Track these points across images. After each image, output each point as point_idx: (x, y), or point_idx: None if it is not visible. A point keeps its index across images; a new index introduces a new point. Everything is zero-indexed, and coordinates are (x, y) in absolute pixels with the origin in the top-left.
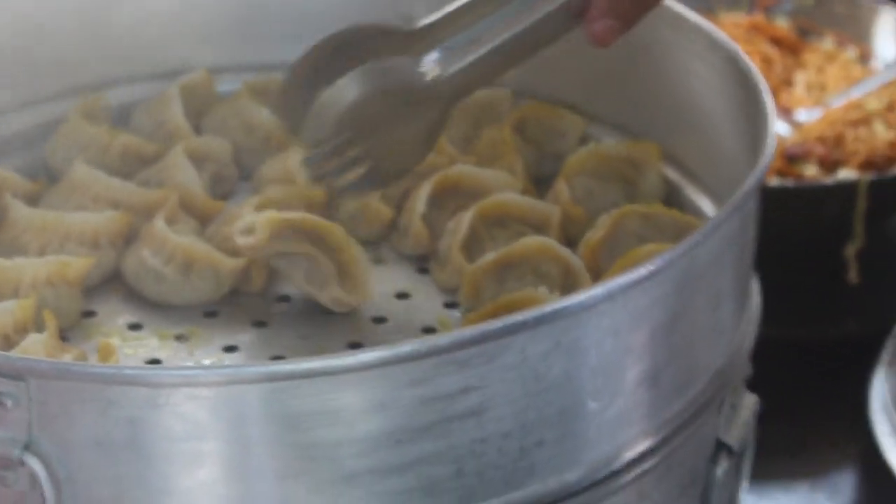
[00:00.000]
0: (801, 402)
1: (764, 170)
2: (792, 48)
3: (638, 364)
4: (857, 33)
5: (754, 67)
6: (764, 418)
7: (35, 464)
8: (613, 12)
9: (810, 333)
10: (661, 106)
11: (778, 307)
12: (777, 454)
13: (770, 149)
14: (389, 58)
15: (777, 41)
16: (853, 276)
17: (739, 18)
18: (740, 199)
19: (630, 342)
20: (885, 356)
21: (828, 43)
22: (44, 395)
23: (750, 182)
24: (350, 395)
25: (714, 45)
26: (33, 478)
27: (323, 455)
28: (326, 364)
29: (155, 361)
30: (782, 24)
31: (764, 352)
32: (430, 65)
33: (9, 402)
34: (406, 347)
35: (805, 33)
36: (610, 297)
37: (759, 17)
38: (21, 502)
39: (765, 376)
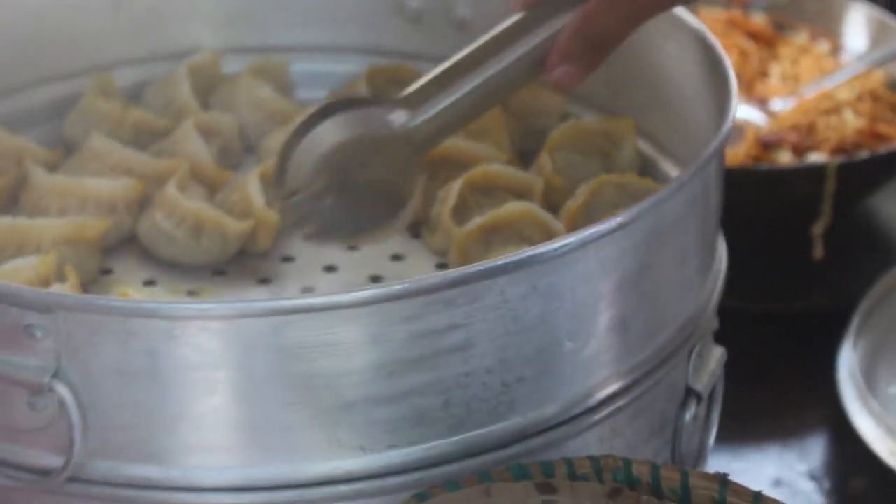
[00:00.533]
0: (773, 370)
1: (725, 136)
2: (767, 42)
3: (609, 310)
4: (828, 28)
5: (719, 46)
6: (739, 385)
7: (63, 390)
8: (571, 58)
9: (782, 307)
10: (636, 85)
11: (752, 282)
12: (751, 418)
13: (731, 117)
14: (364, 108)
15: (753, 35)
16: (818, 252)
17: (718, 14)
18: (703, 161)
19: (601, 289)
20: (852, 328)
21: (801, 37)
22: (71, 327)
23: (711, 146)
24: (348, 329)
25: (683, 26)
26: (61, 403)
27: (323, 384)
28: (326, 300)
29: None
30: (758, 20)
31: (739, 324)
32: (402, 114)
33: (39, 334)
34: (397, 286)
35: (780, 28)
36: (582, 245)
37: (736, 13)
38: (50, 426)
39: (740, 347)
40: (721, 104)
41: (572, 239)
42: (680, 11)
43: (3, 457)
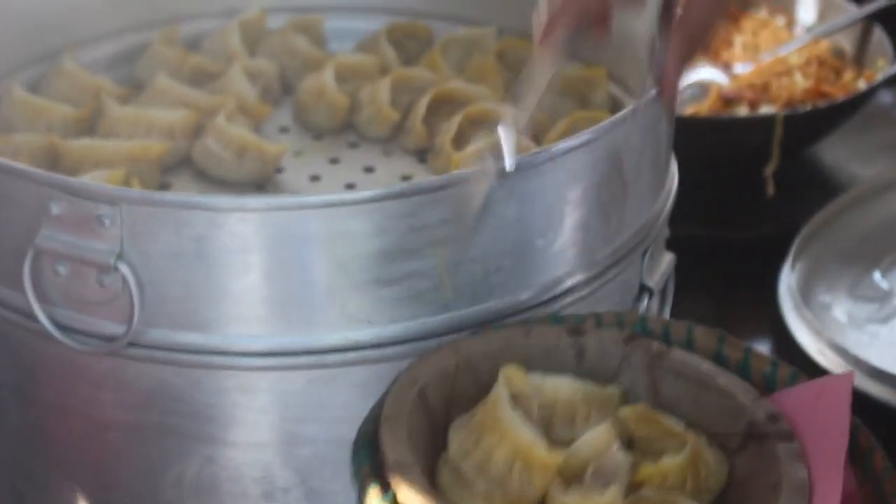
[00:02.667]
0: (726, 287)
1: None
2: (733, 16)
3: (574, 213)
4: (785, 5)
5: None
6: (698, 298)
7: (125, 269)
8: (684, 64)
9: (737, 234)
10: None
11: (713, 214)
12: (705, 324)
13: None
14: None
15: None
16: (770, 190)
17: None
18: (654, 94)
19: (567, 195)
20: (792, 252)
21: (761, 13)
22: (132, 217)
23: None
24: (357, 222)
25: None
26: (124, 280)
27: (337, 266)
28: (340, 197)
29: None
30: None
31: (701, 248)
32: None
33: (107, 222)
34: (397, 187)
35: (744, 4)
36: (551, 158)
37: None
38: (114, 300)
39: (701, 267)
40: None
41: (542, 154)
42: None
43: (77, 325)
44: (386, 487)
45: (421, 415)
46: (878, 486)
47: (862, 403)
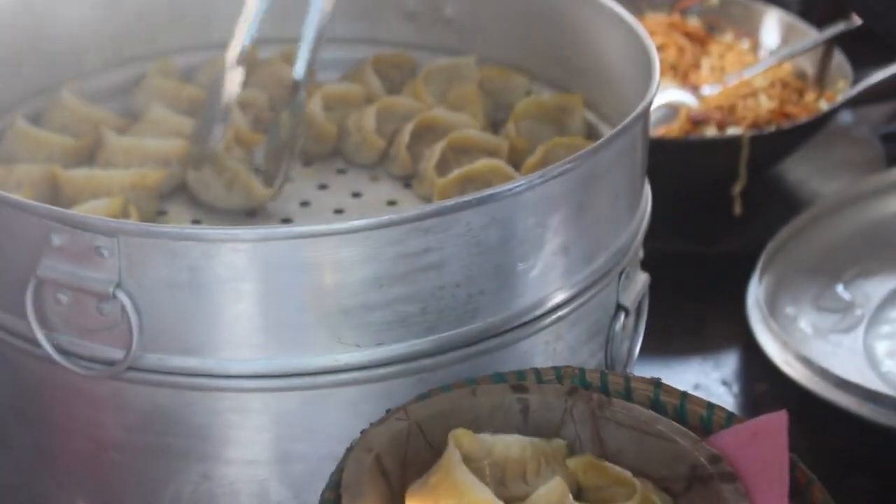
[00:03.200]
0: (698, 299)
1: (647, 104)
2: (701, 41)
3: (554, 238)
4: (749, 30)
5: (647, 36)
6: (670, 311)
7: (124, 297)
8: None
9: (707, 249)
10: (585, 68)
11: (685, 230)
12: (677, 336)
13: (653, 91)
14: None
15: (689, 35)
16: (737, 209)
17: (661, 18)
18: (629, 122)
19: (547, 221)
20: (759, 267)
21: (728, 37)
22: (130, 248)
23: (635, 111)
24: (347, 250)
25: (620, 21)
26: (123, 308)
27: (326, 294)
28: (328, 227)
29: None
30: (694, 23)
31: (673, 263)
32: None
33: (106, 253)
34: (385, 218)
35: (711, 29)
36: (531, 186)
37: (676, 17)
38: (114, 326)
39: (673, 281)
40: (647, 82)
41: (522, 182)
42: (619, 10)
43: (78, 351)
44: None
45: (378, 481)
46: None
47: (827, 412)
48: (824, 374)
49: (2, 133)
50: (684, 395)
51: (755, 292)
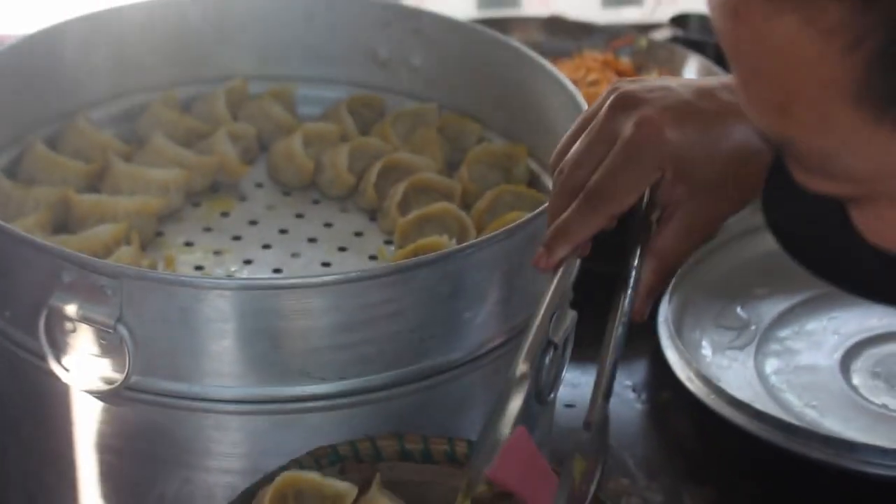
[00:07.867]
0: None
1: None
2: (621, 74)
3: (496, 291)
4: (673, 71)
5: (583, 99)
6: (589, 324)
7: (123, 330)
8: (655, 294)
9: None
10: (530, 121)
11: (602, 252)
12: (595, 346)
13: None
14: None
15: (620, 73)
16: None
17: (596, 55)
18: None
19: (491, 277)
20: (669, 289)
21: (654, 76)
22: (130, 288)
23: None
24: (317, 300)
25: (561, 86)
26: (122, 339)
27: (299, 335)
28: (303, 280)
29: (200, 267)
30: (625, 61)
31: (590, 284)
32: None
33: (109, 292)
34: (352, 274)
35: (639, 69)
36: (478, 248)
37: (609, 56)
38: (114, 353)
39: (593, 298)
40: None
41: (470, 246)
42: (559, 76)
43: (82, 370)
44: None
45: None
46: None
47: (721, 424)
48: (720, 392)
49: (22, 155)
50: (451, 440)
51: (664, 311)
